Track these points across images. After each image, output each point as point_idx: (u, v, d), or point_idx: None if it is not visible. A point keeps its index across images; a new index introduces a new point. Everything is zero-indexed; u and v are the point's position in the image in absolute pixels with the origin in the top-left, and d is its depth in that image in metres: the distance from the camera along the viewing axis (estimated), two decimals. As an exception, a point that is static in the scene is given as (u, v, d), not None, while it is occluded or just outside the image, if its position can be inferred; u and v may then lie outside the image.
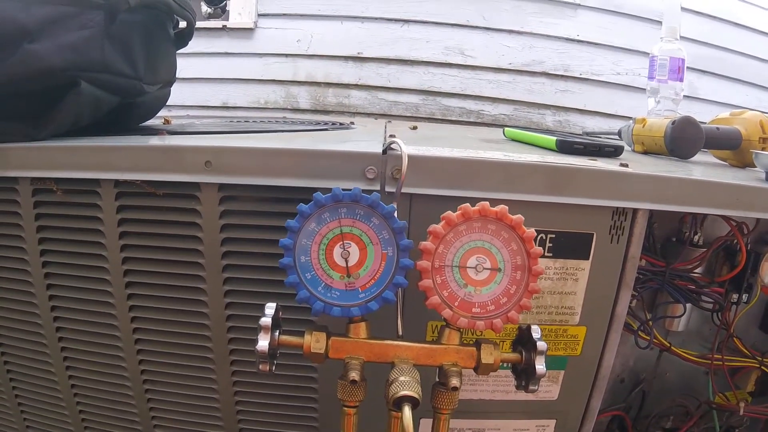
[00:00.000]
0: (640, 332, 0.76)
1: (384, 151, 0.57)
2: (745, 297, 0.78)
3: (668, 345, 0.80)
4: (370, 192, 0.52)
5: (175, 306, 0.64)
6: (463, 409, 0.66)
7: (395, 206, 0.49)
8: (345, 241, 0.50)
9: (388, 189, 0.57)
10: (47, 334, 0.68)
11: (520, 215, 0.49)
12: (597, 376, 0.67)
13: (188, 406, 0.69)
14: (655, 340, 0.78)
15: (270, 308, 0.50)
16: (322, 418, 0.67)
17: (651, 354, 0.87)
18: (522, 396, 0.66)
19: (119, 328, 0.66)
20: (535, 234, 0.49)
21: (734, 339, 0.81)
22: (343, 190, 0.49)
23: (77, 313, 0.67)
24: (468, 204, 0.49)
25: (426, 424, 0.65)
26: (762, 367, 0.83)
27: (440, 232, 0.49)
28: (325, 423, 0.67)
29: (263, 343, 0.49)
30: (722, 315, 0.78)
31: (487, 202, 0.49)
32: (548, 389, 0.67)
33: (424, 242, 0.49)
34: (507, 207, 0.49)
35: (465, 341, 0.52)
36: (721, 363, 0.80)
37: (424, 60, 1.60)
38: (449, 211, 0.49)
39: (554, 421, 0.69)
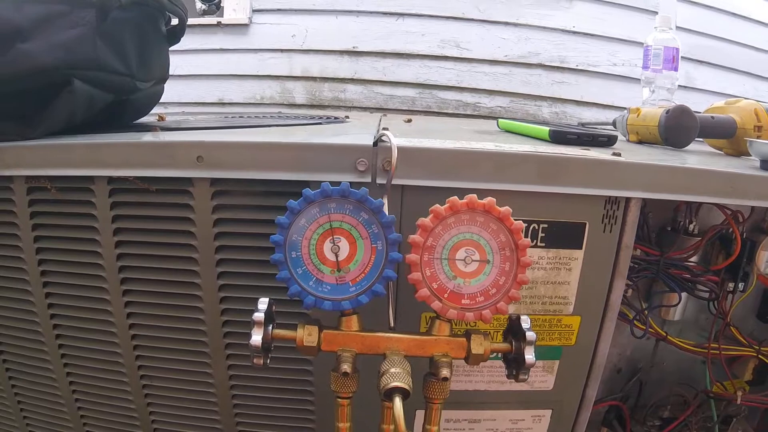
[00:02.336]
0: (636, 321, 0.77)
1: (375, 144, 0.57)
2: (741, 286, 0.77)
3: (664, 334, 0.80)
4: (361, 184, 0.53)
5: (171, 301, 0.65)
6: (459, 400, 0.66)
7: (384, 201, 0.50)
8: (335, 236, 0.50)
9: (379, 181, 0.57)
10: (45, 332, 0.68)
11: (507, 207, 0.49)
12: (592, 365, 0.68)
13: (185, 400, 0.69)
14: (650, 330, 0.78)
15: (263, 303, 0.51)
16: (319, 410, 0.67)
17: (648, 344, 0.87)
18: (517, 386, 0.66)
19: (116, 325, 0.66)
20: (524, 225, 0.50)
21: (731, 328, 0.81)
22: (332, 185, 0.49)
23: (74, 310, 0.67)
24: (456, 197, 0.49)
25: (422, 415, 0.66)
26: (759, 356, 0.83)
27: (428, 226, 0.49)
28: (321, 415, 0.67)
29: (257, 337, 0.49)
30: (718, 304, 0.78)
31: (475, 195, 0.49)
32: (543, 379, 0.67)
33: (412, 236, 0.49)
34: (495, 199, 0.49)
35: (456, 332, 0.53)
36: (718, 352, 0.80)
37: (420, 53, 1.60)
38: (437, 205, 0.49)
39: (550, 411, 0.69)
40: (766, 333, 0.85)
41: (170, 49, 0.87)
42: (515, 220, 0.50)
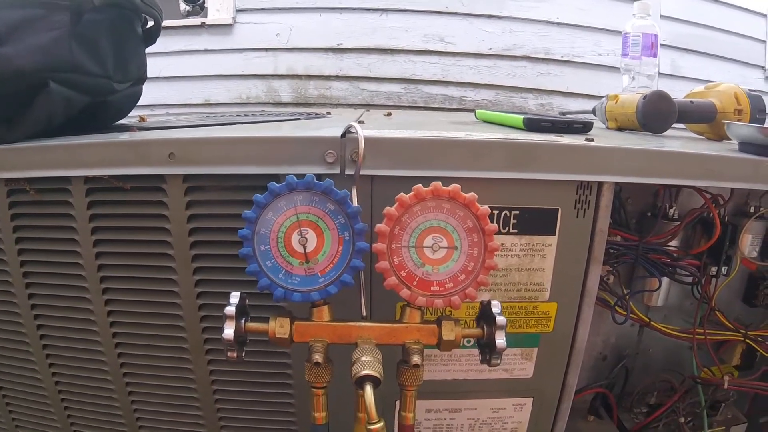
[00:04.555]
0: (617, 307, 0.77)
1: (343, 135, 0.57)
2: (724, 270, 0.77)
3: (647, 320, 0.80)
4: (330, 176, 0.53)
5: (149, 298, 0.65)
6: (438, 390, 0.67)
7: (348, 192, 0.50)
8: (302, 228, 0.50)
9: (347, 172, 0.57)
10: (28, 331, 0.69)
11: (473, 193, 0.49)
12: (572, 352, 0.68)
13: (168, 396, 0.70)
14: (632, 316, 0.78)
15: (235, 297, 0.51)
16: (298, 402, 0.68)
17: (633, 330, 0.87)
18: (496, 374, 0.67)
19: (97, 323, 0.67)
20: (489, 211, 0.50)
21: (716, 312, 0.80)
22: (298, 177, 0.49)
23: (56, 310, 0.68)
24: (420, 185, 0.49)
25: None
26: (746, 341, 0.83)
27: (394, 214, 0.49)
28: (301, 407, 0.68)
29: (229, 331, 0.50)
30: (702, 288, 0.78)
31: (440, 182, 0.49)
32: (522, 367, 0.67)
33: (379, 225, 0.50)
34: (459, 186, 0.49)
35: (430, 320, 0.53)
36: (703, 337, 0.80)
37: (404, 48, 1.59)
38: (402, 193, 0.50)
39: (531, 399, 0.69)
40: (752, 317, 0.85)
41: (156, 51, 0.88)
42: (482, 206, 0.50)
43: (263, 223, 0.50)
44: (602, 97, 0.97)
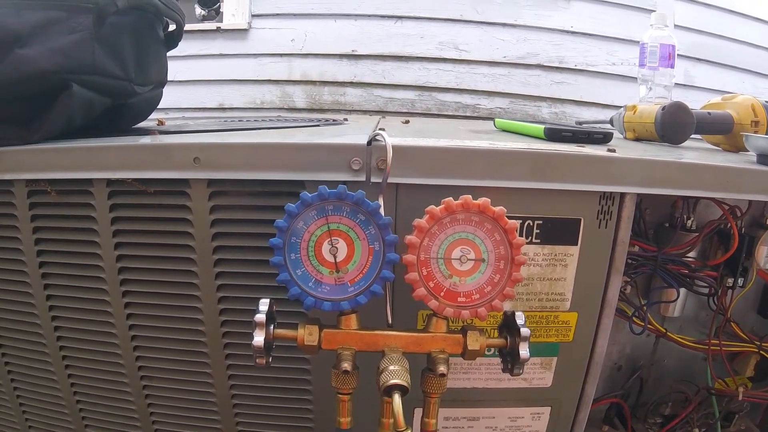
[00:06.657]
0: (634, 318, 0.77)
1: (369, 143, 0.57)
2: (740, 281, 0.77)
3: (664, 331, 0.80)
4: (355, 183, 0.53)
5: (170, 302, 0.65)
6: (457, 398, 0.67)
7: (380, 203, 0.50)
8: (333, 238, 0.51)
9: (373, 179, 0.57)
10: (46, 333, 0.69)
11: (502, 207, 0.50)
12: (591, 362, 0.68)
13: (185, 401, 0.70)
14: (649, 326, 0.78)
15: (264, 304, 0.51)
16: (317, 408, 0.68)
17: (648, 341, 0.87)
18: (515, 383, 0.67)
19: (115, 326, 0.67)
20: (518, 224, 0.50)
21: (731, 324, 0.80)
22: (330, 187, 0.49)
23: (74, 312, 0.68)
24: (451, 198, 0.50)
25: (420, 412, 0.66)
26: (761, 352, 0.82)
27: (424, 226, 0.50)
28: (320, 414, 0.68)
29: (259, 338, 0.50)
30: (718, 299, 0.78)
31: (470, 196, 0.50)
32: (542, 376, 0.67)
33: (409, 236, 0.50)
34: (489, 200, 0.50)
35: (453, 328, 0.53)
36: (718, 348, 0.80)
37: (419, 56, 1.60)
38: (432, 206, 0.50)
39: (549, 408, 0.69)
40: (767, 328, 0.84)
41: (170, 54, 0.88)
42: (509, 218, 0.50)
43: (294, 232, 0.50)
44: (616, 106, 0.97)
